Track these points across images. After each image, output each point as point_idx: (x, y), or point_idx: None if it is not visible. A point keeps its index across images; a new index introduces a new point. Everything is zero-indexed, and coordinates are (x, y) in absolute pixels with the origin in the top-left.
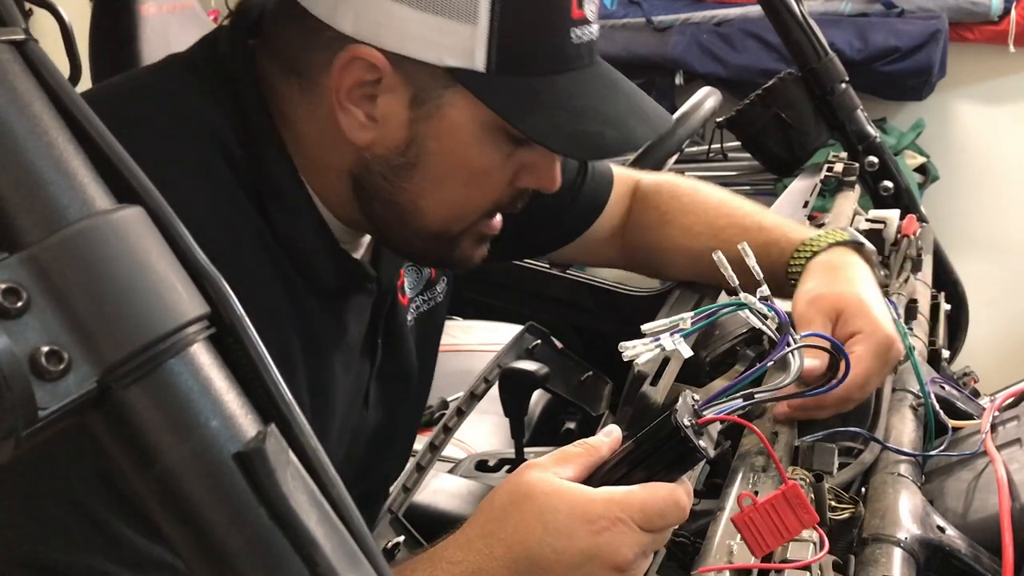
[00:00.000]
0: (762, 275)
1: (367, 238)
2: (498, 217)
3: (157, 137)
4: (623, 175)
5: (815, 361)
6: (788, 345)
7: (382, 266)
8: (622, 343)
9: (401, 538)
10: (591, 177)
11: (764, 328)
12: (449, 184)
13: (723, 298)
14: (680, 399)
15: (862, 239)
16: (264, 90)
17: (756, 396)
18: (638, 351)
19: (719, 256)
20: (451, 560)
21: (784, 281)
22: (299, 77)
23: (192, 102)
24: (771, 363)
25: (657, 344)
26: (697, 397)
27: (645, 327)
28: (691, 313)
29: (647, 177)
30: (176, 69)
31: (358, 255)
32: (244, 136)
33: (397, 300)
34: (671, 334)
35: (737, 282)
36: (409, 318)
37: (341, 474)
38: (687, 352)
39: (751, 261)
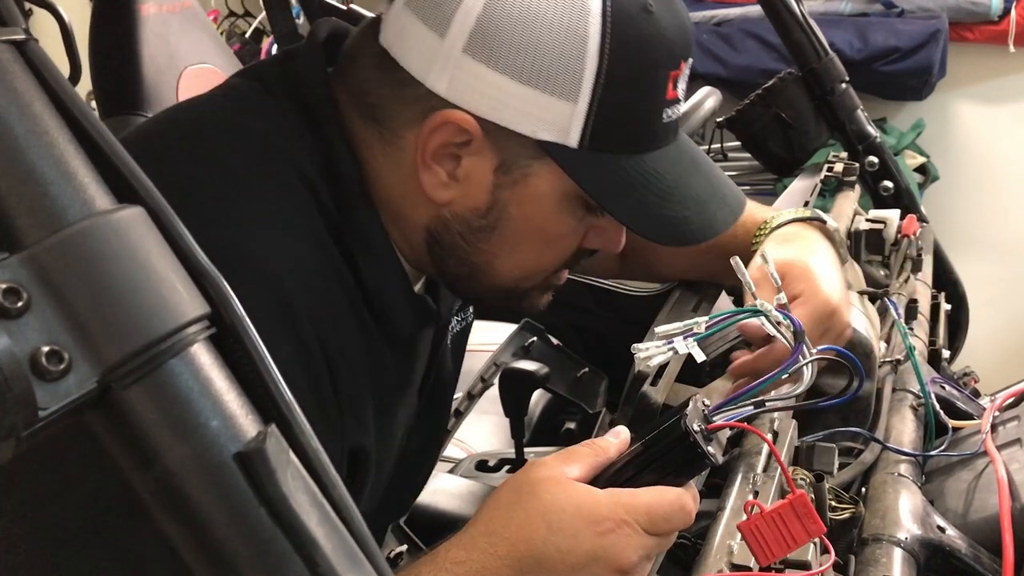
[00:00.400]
0: (780, 282)
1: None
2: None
3: (254, 183)
4: None
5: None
6: (802, 354)
7: (441, 301)
8: (635, 345)
9: (404, 547)
10: None
11: (779, 336)
12: (525, 247)
13: (724, 298)
14: (690, 404)
15: (824, 217)
16: (344, 130)
17: (767, 404)
18: (651, 354)
19: (736, 261)
20: (455, 560)
21: (749, 257)
22: (379, 125)
23: (280, 143)
24: (786, 375)
25: (670, 347)
26: (707, 402)
27: (659, 329)
28: (705, 318)
29: None
30: (257, 102)
31: (416, 289)
32: (331, 182)
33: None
34: (684, 338)
35: (754, 287)
36: (447, 340)
37: (382, 504)
38: (700, 356)
39: (770, 268)
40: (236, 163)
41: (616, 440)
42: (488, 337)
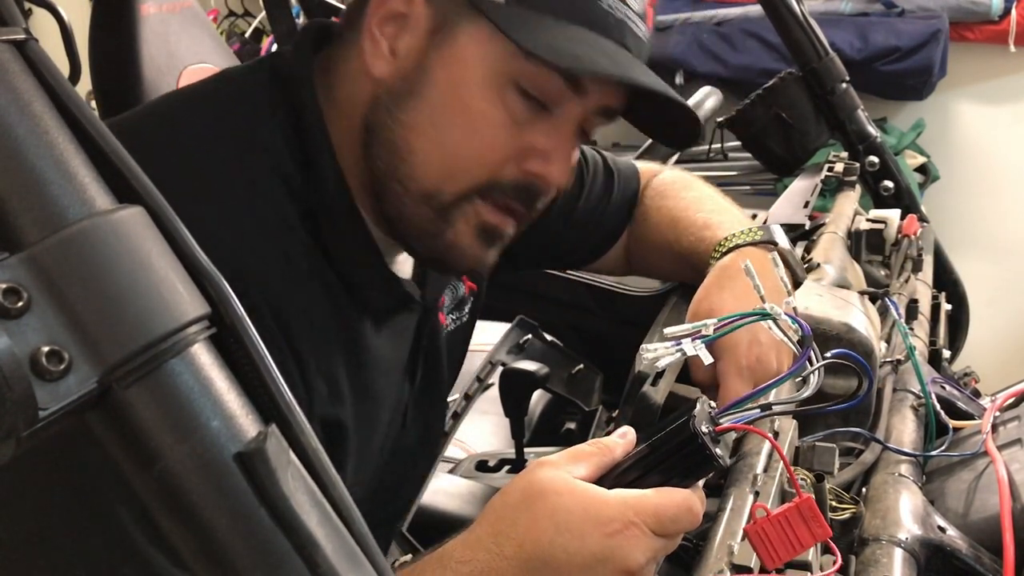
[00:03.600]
0: (791, 286)
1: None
2: (509, 220)
3: (209, 151)
4: (643, 168)
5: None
6: (809, 359)
7: (427, 286)
8: (643, 345)
9: (408, 556)
10: (618, 189)
11: (787, 340)
12: (445, 125)
13: None
14: (698, 406)
15: (775, 236)
16: (315, 97)
17: (774, 407)
18: (659, 354)
19: (748, 265)
20: (460, 559)
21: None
22: (345, 49)
23: (248, 117)
24: (796, 379)
25: (678, 349)
26: (714, 404)
27: (668, 330)
28: (714, 320)
29: (649, 175)
30: (237, 82)
31: (406, 275)
32: (300, 155)
33: (438, 319)
34: (692, 340)
35: (764, 291)
36: (437, 331)
37: (376, 496)
38: (708, 358)
39: (780, 272)
40: (196, 137)
41: (622, 440)
42: (486, 337)
